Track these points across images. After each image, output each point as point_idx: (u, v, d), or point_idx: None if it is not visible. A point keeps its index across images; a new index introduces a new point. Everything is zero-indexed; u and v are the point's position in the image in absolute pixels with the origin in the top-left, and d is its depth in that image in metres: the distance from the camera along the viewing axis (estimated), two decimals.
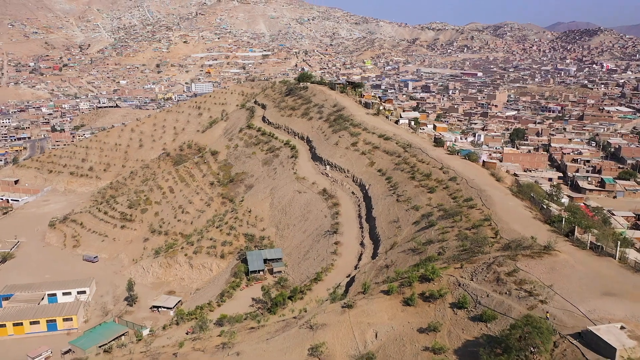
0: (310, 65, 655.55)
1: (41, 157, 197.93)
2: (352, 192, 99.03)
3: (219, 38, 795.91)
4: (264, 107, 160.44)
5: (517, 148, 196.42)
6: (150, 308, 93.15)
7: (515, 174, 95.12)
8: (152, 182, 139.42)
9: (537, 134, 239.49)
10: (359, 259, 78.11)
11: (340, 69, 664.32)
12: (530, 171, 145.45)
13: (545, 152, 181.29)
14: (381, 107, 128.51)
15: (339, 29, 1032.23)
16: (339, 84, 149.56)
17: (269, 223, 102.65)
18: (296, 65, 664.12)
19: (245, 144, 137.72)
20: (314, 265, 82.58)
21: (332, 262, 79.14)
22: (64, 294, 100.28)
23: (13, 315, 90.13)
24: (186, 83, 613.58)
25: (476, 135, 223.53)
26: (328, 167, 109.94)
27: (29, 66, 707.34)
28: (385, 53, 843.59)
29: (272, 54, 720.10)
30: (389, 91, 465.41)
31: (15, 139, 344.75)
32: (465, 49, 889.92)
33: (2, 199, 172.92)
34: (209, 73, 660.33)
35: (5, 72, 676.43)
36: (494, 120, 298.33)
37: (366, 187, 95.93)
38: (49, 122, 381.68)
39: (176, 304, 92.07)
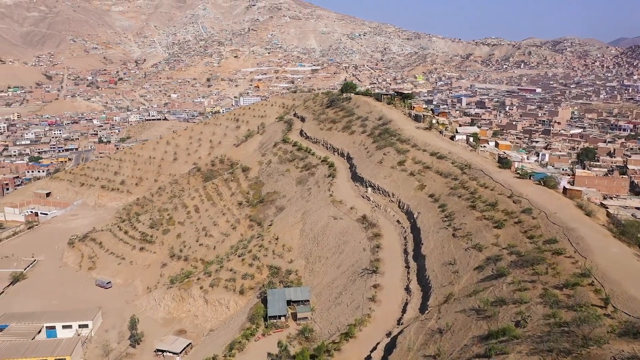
0: (359, 80, 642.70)
1: (75, 169, 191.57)
2: (397, 221, 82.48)
3: (269, 53, 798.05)
4: (303, 119, 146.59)
5: (589, 169, 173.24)
6: (155, 351, 79.43)
7: (602, 204, 75.81)
8: (178, 200, 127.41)
9: (609, 154, 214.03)
10: (403, 310, 61.38)
11: (390, 83, 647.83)
12: (610, 198, 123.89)
13: (624, 175, 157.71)
14: (434, 121, 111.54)
15: (390, 44, 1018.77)
16: (386, 94, 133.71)
17: (298, 254, 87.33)
18: (345, 80, 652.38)
19: (280, 160, 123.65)
20: (347, 313, 66.37)
21: (369, 311, 62.73)
22: (64, 327, 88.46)
23: (1, 353, 78.50)
24: (235, 97, 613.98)
25: (540, 154, 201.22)
26: (370, 189, 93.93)
27: (87, 80, 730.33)
28: (437, 68, 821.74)
29: (321, 69, 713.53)
30: (441, 106, 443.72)
31: (63, 150, 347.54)
32: (522, 64, 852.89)
33: (31, 212, 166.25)
34: (258, 87, 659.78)
35: (64, 85, 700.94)
36: (557, 138, 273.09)
37: (414, 216, 79.22)
38: (97, 134, 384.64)
39: (184, 349, 77.93)
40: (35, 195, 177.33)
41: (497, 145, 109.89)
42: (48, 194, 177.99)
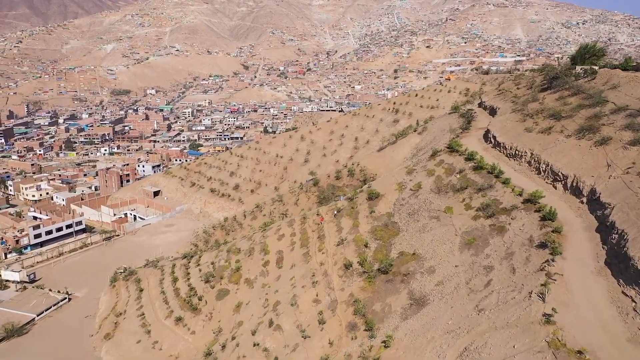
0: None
1: (191, 164, 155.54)
2: None
3: (465, 43, 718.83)
4: (493, 111, 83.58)
5: None
6: None
7: None
8: (259, 237, 76.49)
9: None
10: None
11: None
12: None
13: None
14: None
15: (617, 33, 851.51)
16: None
17: None
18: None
19: (437, 185, 63.89)
20: None
21: None
22: None
23: None
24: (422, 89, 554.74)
25: None
26: None
27: (279, 70, 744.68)
28: None
29: (526, 60, 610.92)
30: None
31: (227, 138, 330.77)
32: None
33: (127, 214, 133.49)
34: (449, 79, 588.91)
35: (257, 75, 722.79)
36: None
37: None
38: (263, 123, 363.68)
39: None
40: (144, 193, 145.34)
41: None
42: (156, 193, 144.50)
